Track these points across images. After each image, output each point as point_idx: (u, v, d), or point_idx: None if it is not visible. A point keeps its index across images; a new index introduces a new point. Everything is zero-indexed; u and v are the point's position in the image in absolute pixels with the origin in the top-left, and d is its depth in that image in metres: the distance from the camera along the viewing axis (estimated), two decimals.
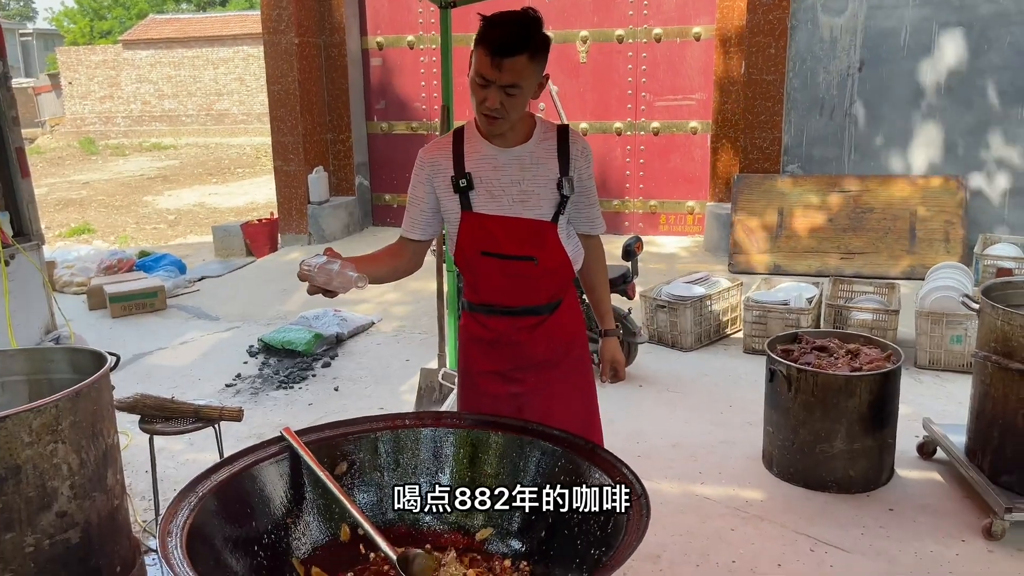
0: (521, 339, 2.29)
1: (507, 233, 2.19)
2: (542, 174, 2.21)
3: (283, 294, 6.65)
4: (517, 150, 2.21)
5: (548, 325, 2.30)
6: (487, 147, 2.21)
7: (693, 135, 7.71)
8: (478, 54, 2.03)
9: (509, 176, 2.19)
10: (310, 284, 2.01)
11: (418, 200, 2.27)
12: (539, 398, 2.32)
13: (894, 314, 4.78)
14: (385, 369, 5.07)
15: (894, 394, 3.43)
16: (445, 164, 2.21)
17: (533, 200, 2.20)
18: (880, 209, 6.49)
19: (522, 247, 2.19)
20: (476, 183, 2.18)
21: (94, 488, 1.98)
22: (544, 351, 2.31)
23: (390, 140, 8.61)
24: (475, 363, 2.35)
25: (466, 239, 2.22)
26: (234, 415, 3.13)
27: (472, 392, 2.37)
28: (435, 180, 2.22)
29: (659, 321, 5.23)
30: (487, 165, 2.20)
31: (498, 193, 2.19)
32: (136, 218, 12.08)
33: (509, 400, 2.31)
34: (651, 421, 4.18)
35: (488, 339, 2.30)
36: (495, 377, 2.33)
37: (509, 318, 2.27)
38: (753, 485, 3.53)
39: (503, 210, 2.19)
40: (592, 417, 2.44)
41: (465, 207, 2.20)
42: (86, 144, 21.82)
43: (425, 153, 2.26)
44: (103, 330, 5.93)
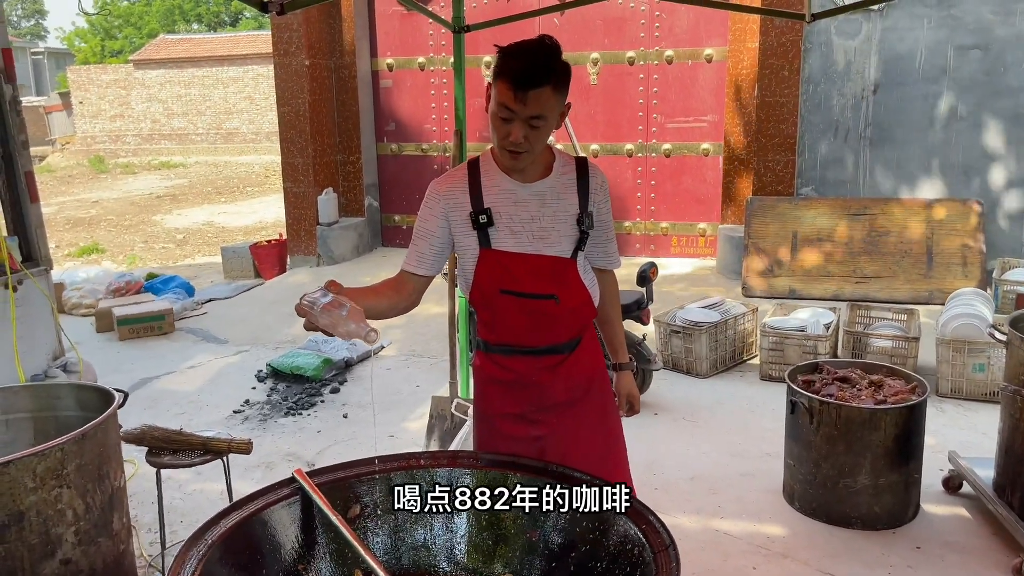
0: (542, 380, 2.21)
1: (528, 271, 2.12)
2: (562, 209, 2.14)
3: (291, 317, 6.59)
4: (538, 185, 2.14)
5: (568, 364, 2.22)
6: (507, 181, 2.14)
7: (705, 157, 7.66)
8: (499, 87, 1.97)
9: (529, 212, 2.12)
10: (307, 321, 1.84)
11: (429, 234, 2.17)
12: (561, 439, 2.23)
13: (914, 341, 4.68)
14: (394, 395, 4.99)
15: (920, 427, 3.34)
16: (462, 198, 2.13)
17: (553, 236, 2.13)
18: (896, 233, 6.40)
19: (543, 285, 2.12)
20: (496, 219, 2.11)
21: (100, 533, 1.90)
22: (565, 391, 2.23)
23: (400, 161, 8.59)
24: (493, 405, 2.27)
25: (485, 277, 2.14)
26: (243, 448, 3.06)
27: (491, 435, 2.29)
28: (451, 215, 2.14)
29: (674, 347, 5.15)
30: (507, 200, 2.13)
31: (518, 229, 2.12)
32: (145, 237, 12.08)
33: (530, 443, 2.23)
34: (668, 451, 4.08)
35: (507, 380, 2.22)
36: (515, 419, 2.24)
37: (529, 358, 2.19)
38: (774, 520, 3.43)
39: (523, 247, 2.12)
40: (617, 455, 2.36)
41: (484, 244, 2.12)
42: (96, 162, 21.92)
43: (440, 186, 2.17)
44: (111, 354, 5.88)
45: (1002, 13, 6.24)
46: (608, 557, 1.85)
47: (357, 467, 2.12)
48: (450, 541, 2.05)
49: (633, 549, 1.80)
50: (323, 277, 7.92)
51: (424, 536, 2.05)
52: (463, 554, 2.03)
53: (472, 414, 3.45)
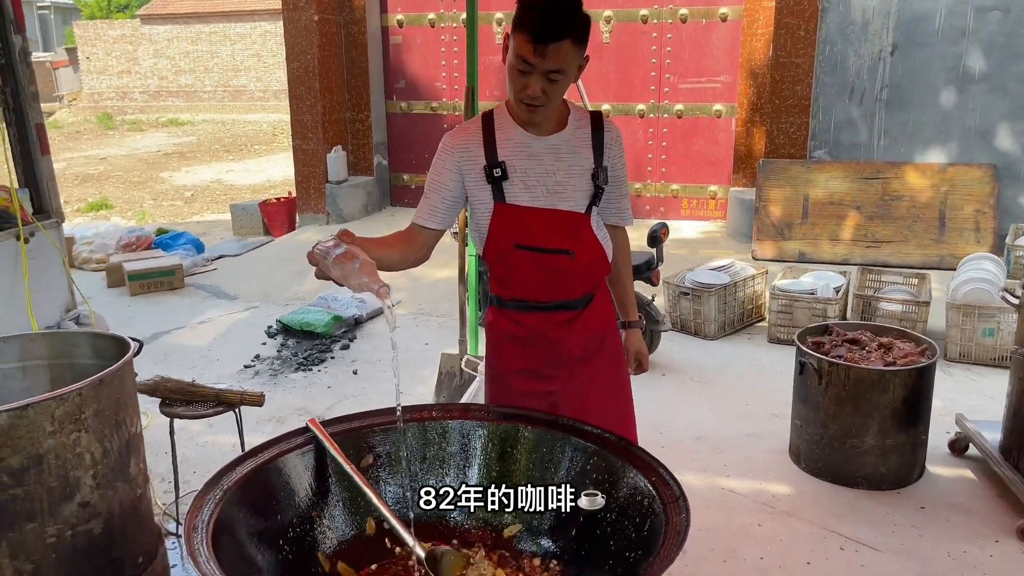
0: (555, 335, 2.21)
1: (543, 225, 2.11)
2: (577, 164, 2.12)
3: (301, 275, 6.60)
4: (552, 139, 2.12)
5: (582, 320, 2.22)
6: (521, 134, 2.11)
7: (717, 118, 7.57)
8: (518, 39, 1.93)
9: (543, 166, 2.10)
10: (318, 270, 1.78)
11: (441, 187, 2.14)
12: (573, 395, 2.25)
13: (924, 306, 4.67)
14: (404, 353, 5.02)
15: (928, 390, 3.34)
16: (476, 152, 2.11)
17: (568, 191, 2.11)
18: (909, 197, 6.35)
19: (558, 240, 2.11)
20: (510, 173, 2.09)
21: (117, 478, 1.93)
22: (578, 347, 2.23)
23: (409, 120, 8.52)
24: (506, 361, 2.28)
25: (499, 231, 2.13)
26: (255, 400, 3.09)
27: (504, 391, 2.30)
28: (465, 168, 2.12)
29: (682, 308, 5.15)
30: (521, 153, 2.10)
31: (532, 183, 2.10)
32: (153, 194, 12.08)
33: (543, 398, 2.24)
34: (674, 411, 4.11)
35: (521, 336, 2.22)
36: (528, 375, 2.25)
37: (543, 314, 2.19)
38: (780, 479, 3.46)
39: (537, 201, 2.10)
40: (626, 412, 2.37)
41: (498, 198, 2.10)
42: (104, 119, 21.84)
43: (453, 139, 2.14)
44: (122, 308, 5.91)
45: None
46: (618, 508, 1.87)
47: (370, 417, 2.14)
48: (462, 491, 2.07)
49: (643, 501, 1.82)
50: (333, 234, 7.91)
51: (436, 486, 2.07)
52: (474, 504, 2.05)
53: (484, 370, 3.48)
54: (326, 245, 1.80)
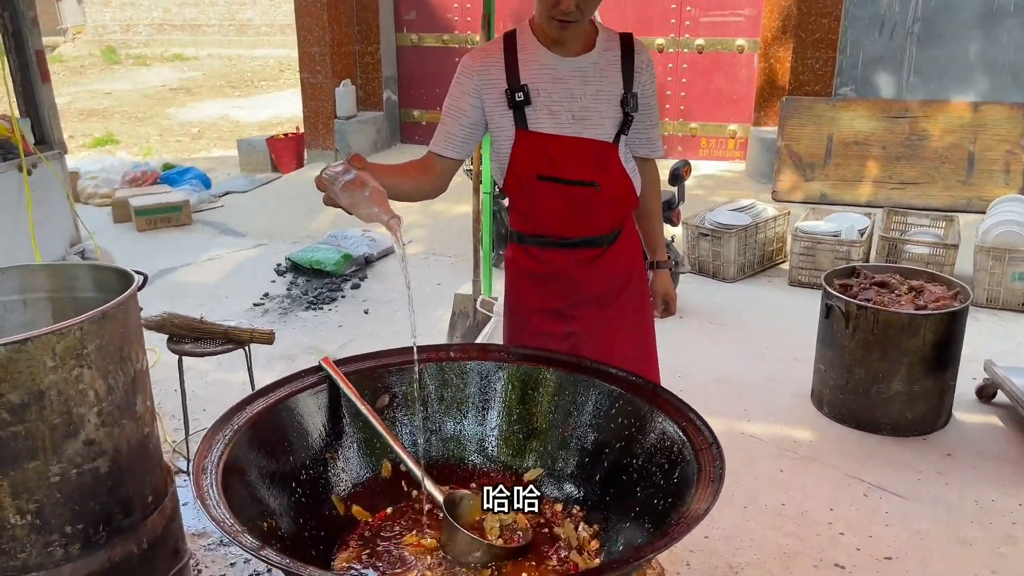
0: (578, 273, 2.09)
1: (567, 155, 1.97)
2: (605, 89, 1.97)
3: (310, 212, 6.48)
4: (580, 60, 1.97)
5: (607, 257, 2.10)
6: (546, 55, 1.96)
7: (739, 54, 7.31)
8: None
9: (569, 90, 1.95)
10: (327, 196, 1.64)
11: (460, 113, 2.00)
12: (596, 336, 2.14)
13: (953, 249, 4.53)
14: (416, 293, 4.85)
15: (960, 335, 3.23)
16: (497, 74, 1.96)
17: (595, 118, 1.97)
18: (937, 137, 6.14)
19: (584, 171, 1.97)
20: (533, 96, 1.94)
21: (123, 415, 1.85)
22: (602, 286, 2.12)
23: (420, 53, 8.27)
24: (526, 300, 2.16)
25: (520, 161, 2.00)
26: (265, 337, 3.01)
27: (522, 331, 2.19)
28: (484, 91, 1.97)
29: (701, 250, 5.02)
30: (546, 76, 1.95)
31: (557, 109, 1.95)
32: (159, 130, 11.88)
33: (564, 339, 2.13)
34: (693, 354, 4.02)
35: (542, 274, 2.10)
36: (548, 315, 2.14)
37: (566, 250, 2.06)
38: (802, 424, 3.38)
39: (562, 128, 1.96)
40: (650, 355, 2.27)
41: (520, 125, 1.96)
42: (108, 53, 21.44)
43: (473, 59, 1.99)
44: (128, 244, 5.82)
45: None
46: (644, 454, 1.79)
47: (385, 357, 2.05)
48: (481, 434, 2.00)
49: (672, 447, 1.73)
50: None
51: (454, 428, 2.00)
52: (494, 447, 1.98)
53: (501, 310, 3.38)
54: (335, 170, 1.65)
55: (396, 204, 1.80)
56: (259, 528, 1.57)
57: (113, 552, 1.86)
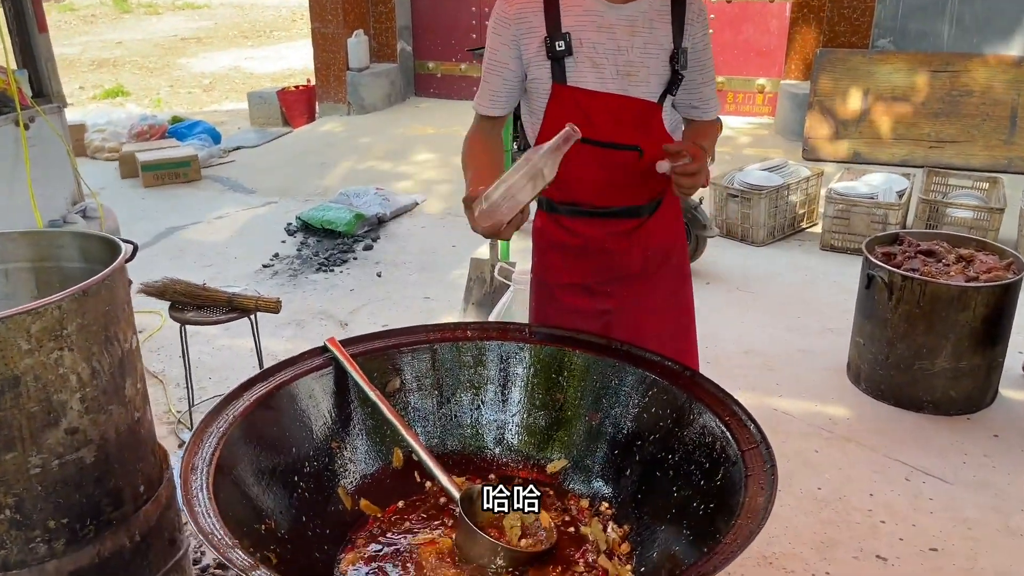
0: (614, 246, 1.89)
1: (609, 114, 1.75)
2: (654, 41, 1.75)
3: (322, 168, 6.28)
4: (629, 8, 1.74)
5: (646, 229, 1.90)
6: (592, 0, 1.75)
7: (770, 3, 6.95)
8: None
9: (616, 41, 1.73)
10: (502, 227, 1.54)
11: (501, 67, 1.80)
12: (630, 316, 1.95)
13: (998, 212, 4.28)
14: (431, 255, 4.74)
15: (1012, 308, 3.02)
16: (535, 20, 1.74)
17: (642, 74, 1.75)
18: (979, 93, 5.82)
19: (626, 133, 1.76)
20: (576, 47, 1.73)
21: (110, 401, 1.69)
22: (640, 261, 1.92)
23: (436, 2, 7.94)
24: (556, 274, 1.97)
25: (556, 119, 1.78)
26: (271, 306, 2.85)
27: (551, 307, 2.00)
28: (523, 41, 1.76)
29: (729, 212, 4.79)
30: (590, 24, 1.73)
31: (601, 62, 1.73)
32: (170, 81, 11.65)
33: (595, 317, 1.94)
34: (721, 323, 3.83)
35: (574, 246, 1.90)
36: (580, 291, 1.95)
37: (601, 220, 1.86)
38: (837, 400, 3.20)
39: (605, 84, 1.74)
40: (689, 338, 2.09)
41: (558, 78, 1.74)
42: (119, 2, 21.06)
43: (509, 6, 1.76)
44: (135, 200, 5.66)
45: None
46: (682, 450, 1.62)
47: (397, 336, 1.88)
48: (500, 422, 1.83)
49: (715, 444, 1.56)
50: (354, 127, 7.46)
51: (472, 415, 1.83)
52: (515, 437, 1.82)
53: (520, 278, 3.20)
54: (481, 208, 1.54)
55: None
56: (256, 532, 1.42)
57: (102, 547, 1.71)
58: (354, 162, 6.40)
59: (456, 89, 8.10)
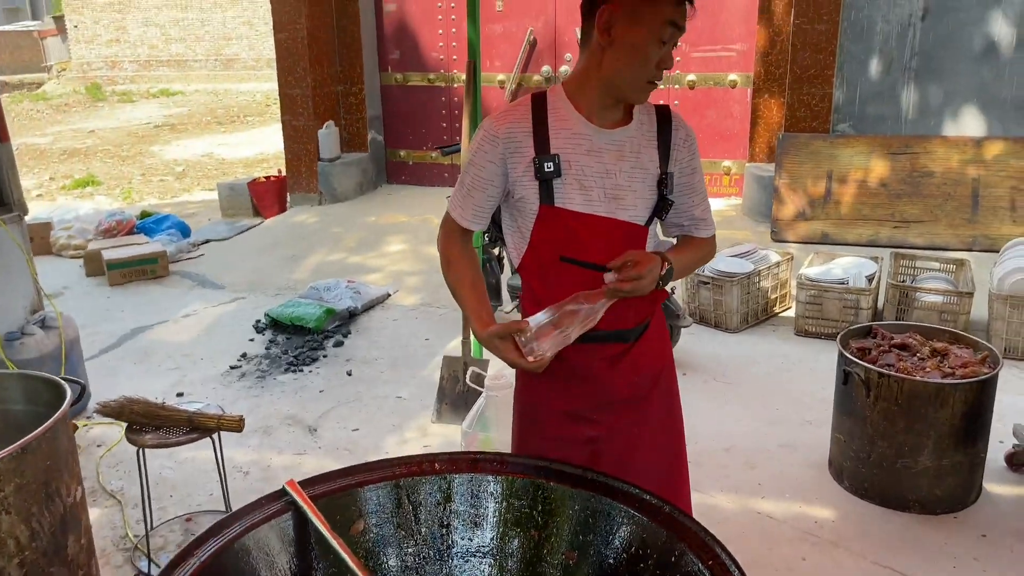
0: (602, 372, 1.84)
1: (597, 236, 1.75)
2: (641, 166, 1.77)
3: (292, 260, 6.23)
4: (617, 133, 1.76)
5: (634, 354, 1.86)
6: (582, 124, 1.75)
7: (732, 89, 7.13)
8: (664, 2, 1.62)
9: (604, 165, 1.74)
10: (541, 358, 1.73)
11: (486, 184, 1.79)
12: (619, 443, 1.88)
13: (968, 297, 4.30)
14: (403, 349, 4.66)
15: (990, 403, 2.99)
16: (524, 140, 1.74)
17: (629, 198, 1.75)
18: (939, 174, 5.95)
19: (613, 255, 1.73)
20: (564, 169, 1.72)
21: (51, 562, 1.58)
22: (628, 386, 1.87)
23: (406, 92, 8.07)
24: (541, 400, 1.91)
25: (542, 240, 1.77)
26: (233, 425, 2.74)
27: (537, 435, 1.93)
28: (510, 160, 1.75)
29: (702, 299, 4.78)
30: (579, 147, 1.74)
31: (589, 184, 1.74)
32: (142, 169, 11.64)
33: (583, 446, 1.88)
34: (699, 418, 3.75)
35: (561, 372, 1.84)
36: (567, 418, 1.88)
37: (588, 345, 1.81)
38: (822, 501, 3.12)
39: (593, 207, 1.74)
40: (679, 465, 2.02)
41: (545, 200, 1.74)
42: (93, 90, 21.26)
43: (498, 124, 1.76)
44: (100, 300, 5.54)
45: None
46: None
47: (361, 473, 1.79)
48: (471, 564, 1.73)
49: None
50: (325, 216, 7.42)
51: (440, 557, 1.73)
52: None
53: (494, 384, 3.12)
54: (529, 347, 1.75)
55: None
56: None
57: None
58: (325, 253, 6.36)
59: (428, 176, 8.17)
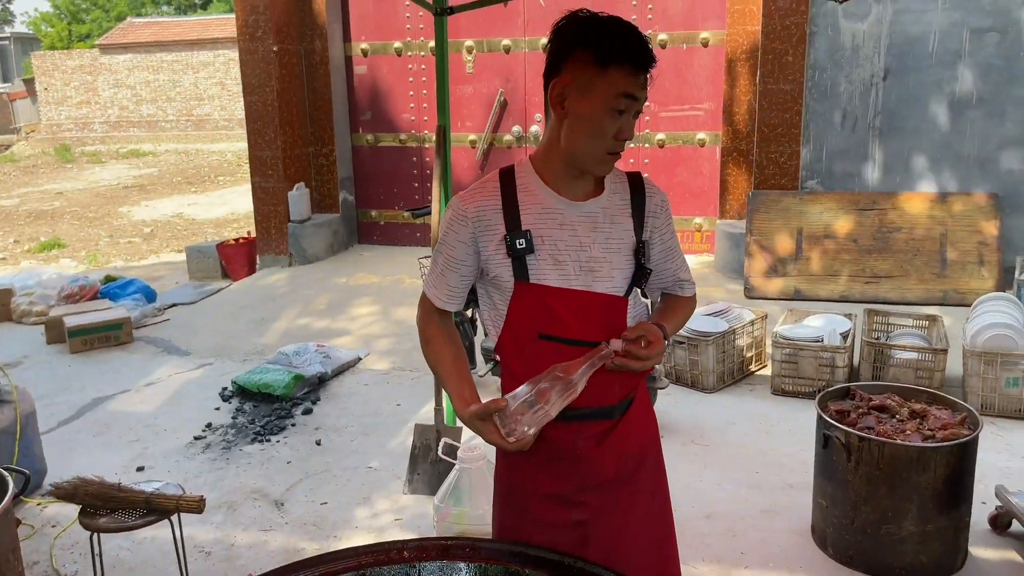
0: (586, 451, 1.76)
1: (574, 311, 1.69)
2: (616, 236, 1.73)
3: (260, 324, 6.11)
4: (589, 205, 1.73)
5: (619, 431, 1.78)
6: (552, 198, 1.71)
7: (701, 147, 7.23)
8: (616, 75, 1.60)
9: (577, 238, 1.70)
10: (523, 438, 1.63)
11: (458, 264, 1.75)
12: (607, 525, 1.79)
13: (942, 353, 4.29)
14: (374, 416, 4.53)
15: (972, 466, 2.94)
16: (494, 218, 1.70)
17: (605, 269, 1.71)
18: (907, 229, 6.02)
19: (592, 330, 1.69)
20: (537, 245, 1.68)
21: None
22: (614, 465, 1.79)
23: (376, 153, 8.08)
24: (526, 483, 1.82)
25: (519, 318, 1.72)
26: (194, 506, 2.61)
27: (521, 520, 1.83)
28: (482, 240, 1.71)
29: (677, 359, 4.73)
30: (551, 222, 1.70)
31: (563, 259, 1.69)
32: (110, 231, 11.49)
33: (570, 530, 1.78)
34: (679, 483, 3.62)
35: (544, 453, 1.76)
36: (552, 501, 1.79)
37: (571, 424, 1.73)
38: (807, 569, 3.03)
39: (568, 281, 1.70)
40: (669, 545, 1.93)
41: (520, 276, 1.69)
42: (61, 151, 21.15)
43: (467, 204, 1.72)
44: (60, 369, 5.37)
45: None
46: None
47: (324, 564, 1.70)
48: None
49: None
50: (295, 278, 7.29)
51: None
52: None
53: (466, 456, 3.02)
54: (509, 426, 1.65)
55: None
56: None
57: None
58: (294, 316, 6.25)
59: (399, 236, 8.13)
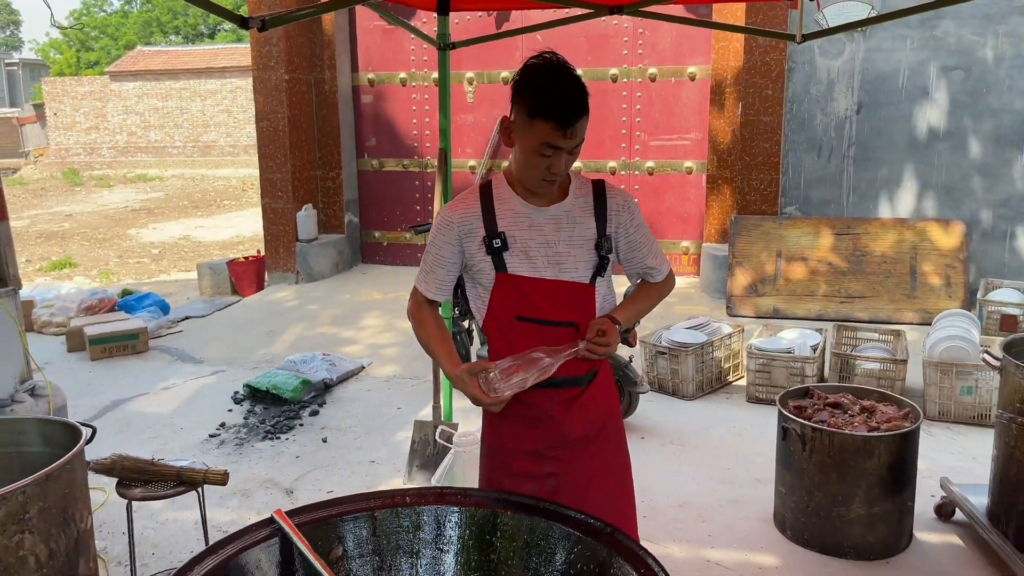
0: (559, 414, 2.15)
1: (545, 297, 2.08)
2: (578, 234, 2.11)
3: (269, 336, 6.46)
4: (553, 210, 2.11)
5: (586, 397, 2.18)
6: (521, 205, 2.11)
7: (688, 175, 7.63)
8: (541, 127, 1.94)
9: (544, 236, 2.09)
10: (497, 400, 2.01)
11: (445, 262, 2.15)
12: (575, 478, 2.18)
13: (902, 364, 4.65)
14: (376, 418, 4.87)
15: (913, 455, 3.28)
16: (475, 223, 2.10)
17: (569, 262, 2.10)
18: (880, 253, 6.40)
19: (562, 312, 2.09)
20: (511, 243, 2.08)
21: None
22: (582, 427, 2.18)
23: (381, 177, 8.49)
24: (506, 441, 2.21)
25: (500, 303, 2.11)
26: (218, 479, 2.94)
27: (503, 473, 2.22)
28: (465, 240, 2.11)
29: (659, 368, 5.08)
30: (522, 224, 2.10)
31: (533, 254, 2.09)
32: (119, 252, 11.86)
33: (543, 481, 2.17)
34: (655, 477, 4.00)
35: (526, 416, 2.15)
36: (529, 456, 2.18)
37: (547, 390, 2.11)
38: (766, 549, 3.35)
39: (539, 272, 2.09)
40: (627, 497, 2.31)
41: (499, 268, 2.09)
42: (70, 175, 21.60)
43: (453, 213, 2.13)
44: (82, 374, 5.71)
45: (983, 35, 6.28)
46: None
47: (339, 505, 2.02)
48: None
49: None
50: (302, 294, 7.68)
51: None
52: None
53: (461, 440, 3.36)
54: (492, 385, 2.01)
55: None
56: None
57: None
58: (302, 329, 6.60)
59: (401, 256, 8.51)
